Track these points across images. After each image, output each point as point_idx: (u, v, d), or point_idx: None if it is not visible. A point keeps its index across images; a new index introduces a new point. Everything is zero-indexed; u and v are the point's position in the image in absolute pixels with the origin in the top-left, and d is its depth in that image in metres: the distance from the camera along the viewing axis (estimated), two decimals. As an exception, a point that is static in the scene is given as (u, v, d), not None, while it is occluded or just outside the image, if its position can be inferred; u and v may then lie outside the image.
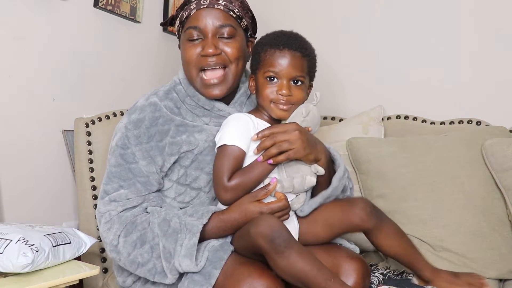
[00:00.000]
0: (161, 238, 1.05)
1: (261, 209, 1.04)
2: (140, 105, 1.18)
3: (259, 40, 1.18)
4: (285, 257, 0.94)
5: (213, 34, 1.15)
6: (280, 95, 1.11)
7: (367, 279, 1.11)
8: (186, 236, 1.02)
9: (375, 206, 1.14)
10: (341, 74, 2.01)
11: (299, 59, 1.12)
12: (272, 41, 1.13)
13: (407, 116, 1.83)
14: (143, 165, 1.13)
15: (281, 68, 1.10)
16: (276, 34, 1.16)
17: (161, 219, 1.07)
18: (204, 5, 1.15)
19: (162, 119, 1.15)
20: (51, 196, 1.62)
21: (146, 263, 1.06)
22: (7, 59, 1.47)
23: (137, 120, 1.15)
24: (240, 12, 1.18)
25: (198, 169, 1.15)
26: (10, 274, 1.16)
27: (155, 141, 1.14)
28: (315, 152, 1.12)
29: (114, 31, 1.84)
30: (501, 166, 1.44)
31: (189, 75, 1.19)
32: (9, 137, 1.48)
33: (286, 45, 1.11)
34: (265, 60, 1.12)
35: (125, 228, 1.09)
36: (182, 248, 1.02)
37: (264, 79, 1.12)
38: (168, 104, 1.18)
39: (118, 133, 1.17)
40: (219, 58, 1.15)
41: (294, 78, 1.12)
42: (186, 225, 1.04)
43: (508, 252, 1.40)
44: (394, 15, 1.90)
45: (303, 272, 0.95)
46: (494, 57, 1.72)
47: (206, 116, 1.19)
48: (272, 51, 1.12)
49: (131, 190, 1.12)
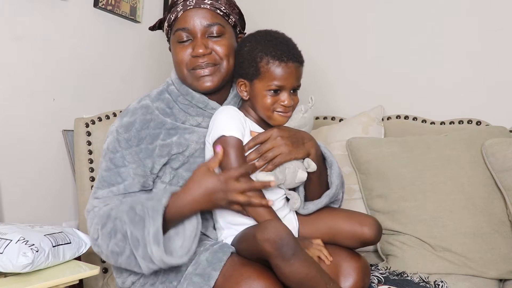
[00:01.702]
0: (129, 225, 1.03)
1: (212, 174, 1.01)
2: (132, 108, 1.18)
3: (252, 45, 1.14)
4: (290, 264, 0.94)
5: (202, 34, 1.15)
6: (283, 105, 1.11)
7: (366, 278, 1.11)
8: (150, 223, 1.01)
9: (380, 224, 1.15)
10: (341, 74, 2.01)
11: (299, 69, 1.13)
12: (272, 51, 1.10)
13: (407, 116, 1.83)
14: (132, 168, 1.13)
15: (287, 82, 1.10)
16: (272, 42, 1.12)
17: (128, 207, 1.06)
18: (191, 5, 1.15)
19: (154, 123, 1.15)
20: (51, 196, 1.62)
21: (123, 251, 1.05)
22: (7, 59, 1.47)
23: (128, 123, 1.15)
24: (227, 9, 1.18)
25: (189, 171, 1.15)
26: (10, 274, 1.16)
27: (145, 143, 1.14)
28: (303, 150, 1.13)
29: (114, 31, 1.84)
30: (501, 166, 1.44)
31: (181, 76, 1.19)
32: (9, 137, 1.49)
33: (290, 58, 1.10)
34: (268, 72, 1.10)
35: (102, 221, 1.09)
36: (149, 235, 1.00)
37: (266, 91, 1.11)
38: (160, 105, 1.18)
39: (110, 136, 1.17)
40: (209, 57, 1.15)
41: (295, 87, 1.14)
42: (148, 210, 1.02)
43: (508, 252, 1.40)
44: (394, 15, 1.89)
45: (307, 278, 0.95)
46: (494, 57, 1.72)
47: (199, 115, 1.19)
48: (276, 64, 1.09)
49: (112, 190, 1.13)
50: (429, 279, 1.32)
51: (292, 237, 0.96)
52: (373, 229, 1.10)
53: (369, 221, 1.12)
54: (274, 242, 0.94)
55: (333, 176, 1.19)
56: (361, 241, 1.11)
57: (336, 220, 1.14)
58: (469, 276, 1.38)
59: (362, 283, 1.09)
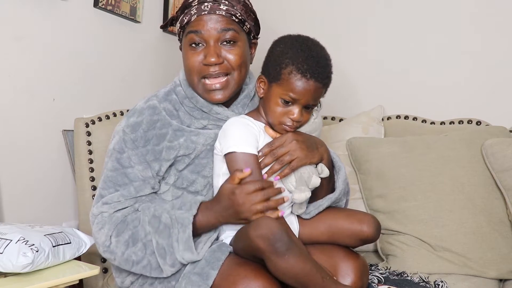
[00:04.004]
0: (154, 235, 1.05)
1: (233, 189, 1.03)
2: (139, 108, 1.17)
3: (285, 49, 1.09)
4: (285, 259, 0.94)
5: (215, 41, 1.12)
6: (290, 119, 1.09)
7: (365, 277, 1.11)
8: (180, 230, 1.03)
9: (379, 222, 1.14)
10: (341, 74, 2.00)
11: (320, 89, 1.09)
12: (299, 63, 1.06)
13: (407, 116, 1.83)
14: (139, 170, 1.13)
15: (302, 97, 1.07)
16: (304, 53, 1.07)
17: (151, 216, 1.07)
18: (205, 11, 1.11)
19: (160, 123, 1.14)
20: (51, 196, 1.62)
21: (141, 260, 1.06)
22: (7, 59, 1.47)
23: (134, 123, 1.14)
24: (243, 16, 1.14)
25: (194, 172, 1.14)
26: (10, 274, 1.16)
27: (152, 144, 1.13)
28: (318, 154, 1.12)
29: (114, 31, 1.84)
30: (501, 166, 1.44)
31: (190, 81, 1.17)
32: (9, 137, 1.48)
33: (313, 76, 1.06)
34: (287, 81, 1.07)
35: (116, 228, 1.09)
36: (179, 244, 1.02)
37: (279, 99, 1.08)
38: (167, 106, 1.17)
39: (116, 136, 1.16)
40: (221, 67, 1.12)
41: (310, 105, 1.10)
42: (177, 219, 1.04)
43: (508, 252, 1.40)
44: (394, 15, 1.90)
45: (303, 273, 0.95)
46: (494, 57, 1.72)
47: (204, 118, 1.18)
48: (298, 77, 1.05)
49: (123, 193, 1.12)
50: (429, 279, 1.32)
51: (286, 232, 0.96)
52: (372, 226, 1.10)
53: (368, 219, 1.11)
54: (267, 238, 0.94)
55: (339, 181, 1.18)
56: (360, 239, 1.10)
57: (335, 219, 1.13)
58: (469, 276, 1.38)
59: (360, 283, 1.08)
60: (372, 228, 1.10)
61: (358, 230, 1.10)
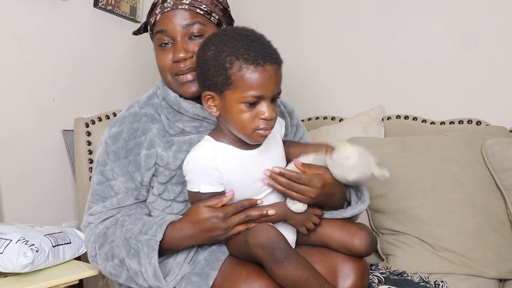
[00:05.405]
0: (126, 258, 1.04)
1: (211, 214, 0.99)
2: (121, 116, 1.14)
3: (218, 48, 0.95)
4: (283, 267, 0.93)
5: (182, 36, 1.09)
6: (264, 120, 0.94)
7: (366, 278, 1.09)
8: (146, 259, 1.00)
9: (374, 238, 1.10)
10: (341, 74, 2.01)
11: (279, 72, 0.95)
12: (244, 53, 0.92)
13: (407, 116, 1.83)
14: (121, 182, 1.11)
15: (266, 90, 0.92)
16: (243, 41, 0.93)
17: (123, 238, 1.05)
18: (168, 8, 1.09)
19: (141, 130, 1.11)
20: (51, 196, 1.63)
21: (120, 274, 1.06)
22: (7, 59, 1.47)
23: (115, 134, 1.12)
24: (209, 7, 1.10)
25: (179, 183, 1.11)
26: (10, 274, 1.16)
27: (133, 155, 1.10)
28: (320, 202, 1.07)
29: (114, 31, 1.84)
30: (501, 166, 1.44)
31: (165, 81, 1.15)
32: (9, 137, 1.49)
33: (267, 60, 0.92)
34: (241, 81, 0.91)
35: (99, 241, 1.09)
36: (148, 272, 1.00)
37: (241, 104, 0.92)
38: (148, 111, 1.14)
39: (100, 147, 1.15)
40: (191, 61, 1.08)
41: (276, 95, 0.96)
42: (143, 246, 1.01)
43: (508, 252, 1.40)
44: (393, 15, 1.89)
45: (301, 280, 0.95)
46: (494, 57, 1.72)
47: (178, 121, 1.13)
48: (251, 69, 0.91)
49: (105, 204, 1.11)
50: (429, 279, 1.32)
51: (283, 239, 0.95)
52: (364, 243, 1.04)
53: (361, 234, 1.05)
54: (265, 246, 0.93)
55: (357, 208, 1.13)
56: (351, 252, 1.06)
57: (327, 228, 1.09)
58: (469, 276, 1.38)
59: (361, 284, 1.08)
60: (364, 245, 1.04)
61: (349, 243, 1.05)
